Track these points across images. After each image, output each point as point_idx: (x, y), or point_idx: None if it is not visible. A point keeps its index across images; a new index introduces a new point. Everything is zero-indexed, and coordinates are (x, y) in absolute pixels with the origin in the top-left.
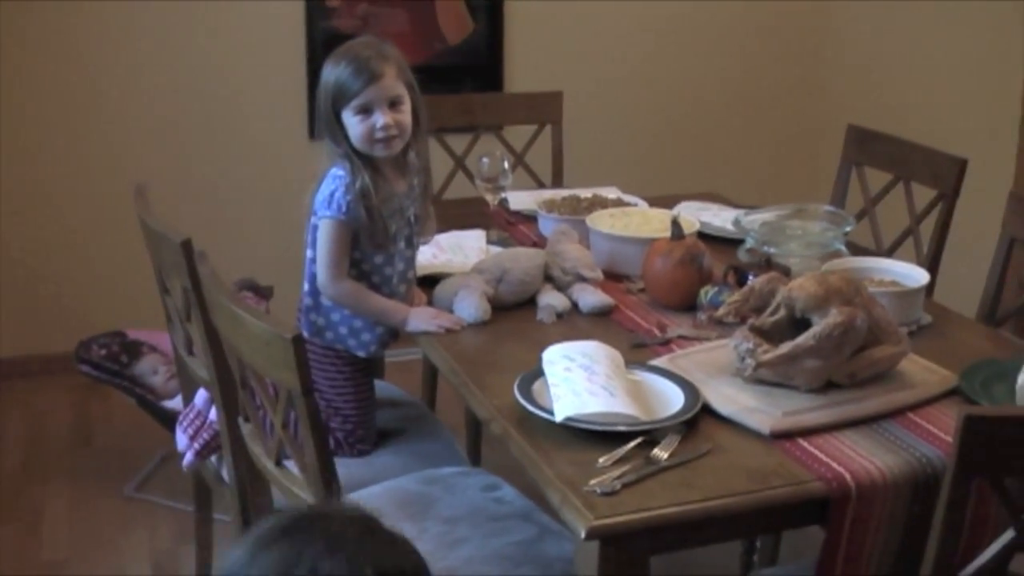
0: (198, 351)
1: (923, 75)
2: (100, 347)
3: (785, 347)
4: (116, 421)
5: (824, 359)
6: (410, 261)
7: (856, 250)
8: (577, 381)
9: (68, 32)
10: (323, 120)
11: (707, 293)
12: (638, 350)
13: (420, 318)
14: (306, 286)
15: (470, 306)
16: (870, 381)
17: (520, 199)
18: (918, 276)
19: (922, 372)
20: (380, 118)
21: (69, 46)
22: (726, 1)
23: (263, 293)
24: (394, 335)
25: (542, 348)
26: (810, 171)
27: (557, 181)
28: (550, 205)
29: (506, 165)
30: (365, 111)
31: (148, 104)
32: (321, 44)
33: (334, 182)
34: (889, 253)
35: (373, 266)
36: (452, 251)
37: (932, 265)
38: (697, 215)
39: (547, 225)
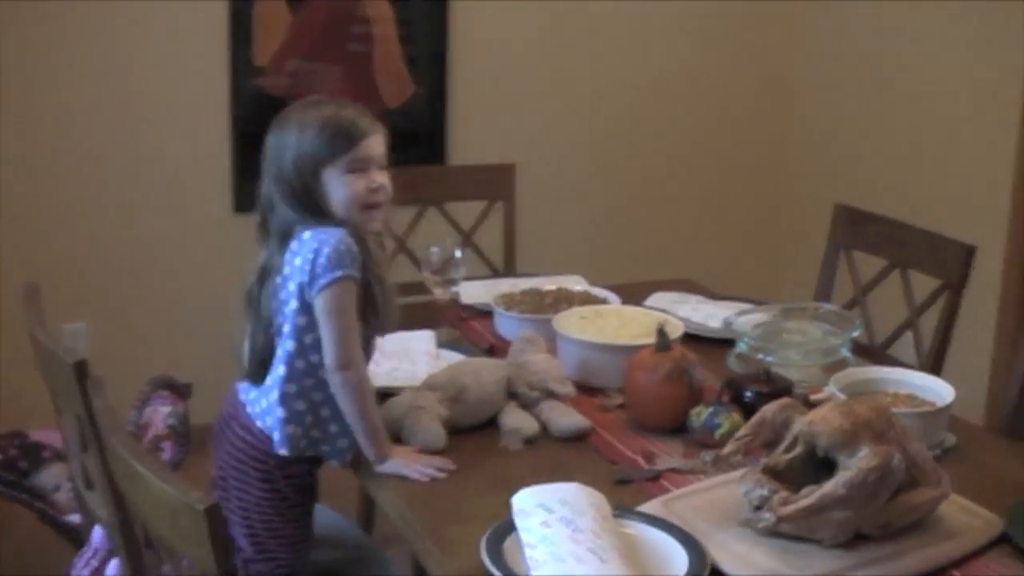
0: (97, 487)
1: (898, 151)
2: None
3: (810, 497)
4: (18, 534)
5: (856, 509)
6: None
7: (859, 351)
8: (559, 542)
9: None
10: (287, 190)
11: (700, 414)
12: (623, 487)
13: (400, 460)
14: (284, 389)
15: (423, 432)
16: (905, 530)
17: (473, 291)
18: (940, 390)
19: (962, 515)
20: (376, 176)
21: None
22: (693, 68)
23: (181, 391)
24: None
25: (511, 487)
26: (785, 250)
27: (509, 265)
28: (508, 301)
29: (458, 254)
30: (360, 169)
31: (56, 171)
32: (248, 105)
33: (324, 242)
34: (884, 348)
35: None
36: (398, 358)
37: (935, 364)
38: (674, 309)
39: (506, 324)
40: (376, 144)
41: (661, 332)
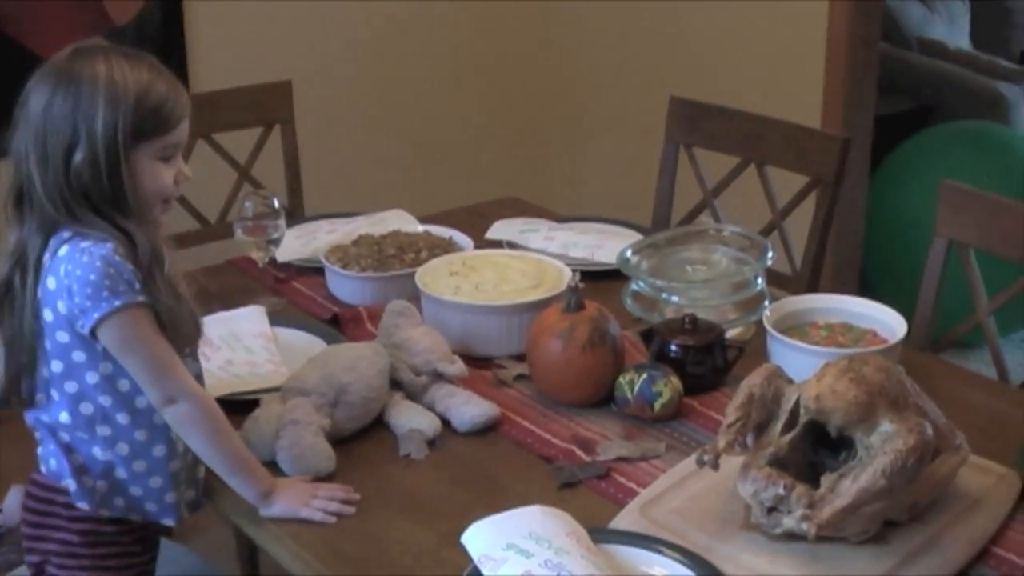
0: None
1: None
2: None
3: (844, 495)
4: None
5: (891, 498)
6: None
7: (772, 280)
8: None
9: None
10: (61, 177)
11: (632, 383)
12: (570, 491)
13: (292, 497)
14: (74, 436)
15: (308, 454)
16: (929, 508)
17: (287, 246)
18: (877, 315)
19: (974, 475)
20: (185, 167)
21: None
22: None
23: None
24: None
25: (436, 511)
26: (594, 152)
27: (295, 200)
28: (342, 256)
29: (276, 205)
30: (171, 156)
31: None
32: None
33: (86, 268)
34: None
35: None
36: (230, 347)
37: (814, 270)
38: (524, 240)
39: (345, 285)
40: (186, 127)
41: (574, 288)
